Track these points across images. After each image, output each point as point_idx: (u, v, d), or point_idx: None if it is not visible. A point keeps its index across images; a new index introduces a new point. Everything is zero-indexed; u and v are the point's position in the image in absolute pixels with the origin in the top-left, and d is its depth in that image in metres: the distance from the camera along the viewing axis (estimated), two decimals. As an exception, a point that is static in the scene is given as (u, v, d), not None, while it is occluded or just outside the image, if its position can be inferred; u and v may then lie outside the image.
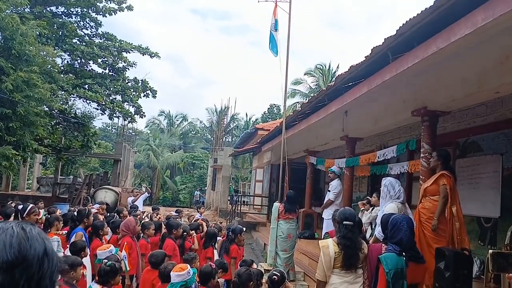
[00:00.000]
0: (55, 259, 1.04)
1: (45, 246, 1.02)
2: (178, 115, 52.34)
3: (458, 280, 5.09)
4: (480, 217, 7.60)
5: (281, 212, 8.49)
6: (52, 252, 1.04)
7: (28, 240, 1.00)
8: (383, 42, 5.75)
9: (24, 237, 1.00)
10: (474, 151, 7.87)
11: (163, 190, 43.48)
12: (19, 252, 0.96)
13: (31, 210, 7.06)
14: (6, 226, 1.01)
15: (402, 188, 6.01)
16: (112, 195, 19.35)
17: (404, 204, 5.99)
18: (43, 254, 1.00)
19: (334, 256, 4.22)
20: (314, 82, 35.27)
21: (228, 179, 27.21)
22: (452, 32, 4.31)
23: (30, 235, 1.01)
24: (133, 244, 6.34)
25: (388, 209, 5.56)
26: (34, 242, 1.00)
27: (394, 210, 5.46)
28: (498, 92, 5.43)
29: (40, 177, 28.27)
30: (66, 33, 18.19)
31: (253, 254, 12.67)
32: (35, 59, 13.31)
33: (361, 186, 12.72)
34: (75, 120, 18.37)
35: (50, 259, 1.02)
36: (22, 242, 0.98)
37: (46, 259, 1.01)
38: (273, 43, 9.82)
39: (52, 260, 1.02)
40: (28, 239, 1.00)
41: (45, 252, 1.01)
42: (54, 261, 1.03)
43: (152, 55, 20.48)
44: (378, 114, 8.03)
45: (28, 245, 0.99)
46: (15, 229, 1.01)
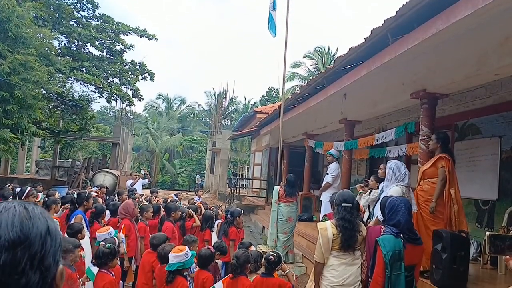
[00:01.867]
0: (58, 238, 1.04)
1: (47, 225, 1.02)
2: (176, 98, 52.23)
3: (455, 261, 5.13)
4: (478, 199, 7.63)
5: (281, 195, 8.51)
6: (55, 231, 1.03)
7: (30, 219, 0.99)
8: (383, 24, 5.69)
9: (26, 216, 0.99)
10: (473, 133, 7.86)
11: (162, 174, 43.54)
12: (21, 231, 0.96)
13: (29, 193, 7.07)
14: (9, 205, 1.01)
15: (407, 171, 5.97)
16: (111, 178, 19.39)
17: (408, 187, 5.98)
18: (45, 233, 1.00)
19: (332, 238, 4.24)
20: (313, 65, 35.13)
21: (226, 163, 27.24)
22: (452, 13, 4.27)
23: (32, 214, 1.01)
24: (132, 227, 6.37)
25: (393, 192, 5.55)
26: (37, 221, 1.00)
27: (398, 193, 5.44)
28: (498, 74, 5.41)
29: (38, 160, 28.28)
30: (62, 15, 18.02)
31: (252, 236, 12.75)
32: (31, 42, 13.20)
33: (359, 169, 12.75)
34: (73, 103, 18.31)
35: (53, 238, 1.01)
36: (24, 221, 0.98)
37: (49, 237, 1.00)
38: (272, 23, 9.71)
39: (55, 239, 1.02)
40: (31, 218, 0.99)
41: (47, 231, 1.01)
42: (57, 240, 1.03)
43: (149, 38, 20.32)
44: (377, 96, 8.00)
45: (31, 224, 0.98)
46: (18, 208, 1.00)
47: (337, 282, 4.24)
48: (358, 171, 12.69)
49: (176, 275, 4.32)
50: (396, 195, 4.81)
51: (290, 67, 33.99)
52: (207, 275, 4.63)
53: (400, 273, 3.73)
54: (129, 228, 6.31)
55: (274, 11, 9.72)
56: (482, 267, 6.69)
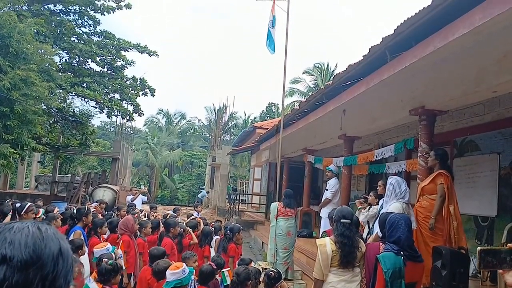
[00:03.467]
0: (70, 259, 1.05)
1: (60, 246, 1.03)
2: (176, 114, 52.30)
3: (455, 278, 5.10)
4: (477, 216, 7.62)
5: (280, 209, 8.51)
6: (67, 252, 1.04)
7: (43, 239, 1.00)
8: (381, 41, 5.75)
9: (39, 236, 1.00)
10: (472, 150, 7.88)
11: (161, 189, 43.43)
12: (34, 252, 0.97)
13: (29, 208, 7.04)
14: (22, 225, 1.02)
15: (408, 188, 5.98)
16: (110, 194, 19.35)
17: (408, 204, 5.98)
18: (57, 254, 1.01)
19: (332, 255, 4.23)
20: (313, 81, 35.28)
21: (226, 178, 27.21)
22: (450, 31, 4.32)
23: (45, 234, 1.02)
24: (131, 243, 6.35)
25: (393, 208, 5.55)
26: (49, 241, 1.01)
27: (398, 209, 5.45)
28: (496, 91, 5.44)
29: (38, 176, 28.24)
30: (64, 31, 18.14)
31: (251, 252, 12.69)
32: (33, 57, 13.27)
33: (359, 185, 12.74)
34: (73, 119, 18.33)
35: (65, 259, 1.02)
36: (37, 241, 0.99)
37: (61, 259, 1.01)
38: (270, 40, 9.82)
39: (67, 260, 1.03)
40: (44, 239, 1.00)
41: (60, 252, 1.02)
42: (69, 261, 1.04)
43: (150, 54, 20.43)
44: (376, 113, 8.04)
45: (43, 244, 0.99)
46: (31, 228, 1.01)
47: (336, 299, 4.22)
48: (357, 187, 12.68)
49: (173, 293, 4.29)
50: (396, 212, 4.81)
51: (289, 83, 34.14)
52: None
53: (400, 291, 3.71)
54: (128, 244, 6.29)
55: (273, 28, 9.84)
56: (482, 283, 6.66)
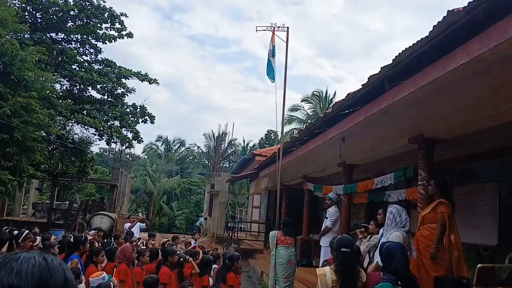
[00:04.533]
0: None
1: (65, 276, 1.05)
2: (175, 141, 52.49)
3: (457, 309, 5.04)
4: (478, 245, 7.56)
5: (279, 237, 8.44)
6: (72, 282, 1.06)
7: (49, 270, 1.02)
8: (380, 71, 5.81)
9: (45, 267, 1.02)
10: (471, 178, 7.87)
11: (160, 216, 43.19)
12: (40, 282, 0.99)
13: (26, 236, 6.99)
14: (29, 255, 1.04)
15: (408, 217, 5.96)
16: (108, 221, 19.22)
17: (409, 233, 5.95)
18: (63, 285, 1.03)
19: (332, 285, 4.17)
20: (311, 109, 35.51)
21: (225, 205, 27.06)
22: (448, 61, 4.38)
23: (51, 265, 1.03)
24: (129, 272, 6.26)
25: (393, 237, 5.52)
26: (55, 272, 1.03)
27: (399, 238, 5.42)
28: (495, 121, 5.48)
29: (35, 203, 28.06)
30: (65, 59, 18.34)
31: (250, 282, 12.52)
32: (34, 85, 13.38)
33: (358, 213, 12.66)
34: (72, 146, 18.37)
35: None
36: (43, 272, 1.00)
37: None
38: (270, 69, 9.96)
39: None
40: (50, 269, 1.02)
41: (65, 283, 1.03)
42: None
43: (150, 82, 20.61)
44: (375, 141, 8.07)
45: (49, 275, 1.01)
46: (37, 259, 1.03)
47: (337, 331, 4.14)
48: (357, 215, 12.60)
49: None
50: (397, 241, 4.78)
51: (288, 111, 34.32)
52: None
53: (400, 322, 3.65)
54: (125, 273, 6.20)
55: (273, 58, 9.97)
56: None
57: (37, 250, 1.11)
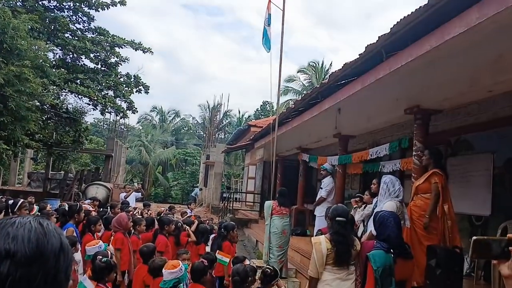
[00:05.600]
0: (70, 254, 1.06)
1: (61, 241, 1.04)
2: (170, 111, 52.26)
3: (449, 277, 5.13)
4: (471, 215, 7.65)
5: (274, 207, 8.49)
6: (67, 247, 1.05)
7: (45, 235, 1.01)
8: (377, 40, 5.74)
9: (42, 232, 1.01)
10: (466, 149, 7.91)
11: (155, 186, 43.34)
12: (37, 247, 0.97)
13: (21, 205, 7.01)
14: (24, 220, 1.02)
15: (401, 187, 6.00)
16: (104, 191, 19.28)
17: (402, 203, 6.00)
18: (59, 250, 1.02)
19: (327, 253, 4.23)
20: (307, 80, 35.33)
21: (220, 176, 27.17)
22: (446, 30, 4.32)
23: (47, 230, 1.02)
24: (125, 240, 6.31)
25: (387, 206, 5.56)
26: (51, 237, 1.02)
27: (392, 208, 5.46)
28: (491, 91, 5.46)
29: (31, 172, 28.07)
30: (58, 27, 18.04)
31: (245, 250, 12.68)
32: (26, 54, 13.20)
33: (353, 184, 12.76)
34: (66, 115, 18.26)
35: (65, 254, 1.03)
36: (40, 237, 0.99)
37: (62, 254, 1.02)
38: (266, 38, 9.78)
39: (67, 256, 1.04)
40: (46, 234, 1.01)
41: (61, 247, 1.03)
42: (69, 256, 1.05)
43: (144, 51, 20.36)
44: (371, 112, 8.05)
45: (46, 240, 1.00)
46: (33, 224, 1.02)
47: (331, 297, 4.22)
48: (352, 186, 12.70)
49: (171, 291, 4.28)
50: (391, 210, 4.82)
51: (284, 81, 34.16)
52: (201, 289, 4.59)
53: (392, 289, 3.72)
54: (122, 241, 6.25)
55: (269, 26, 9.80)
56: (476, 282, 6.70)
57: (32, 215, 1.09)
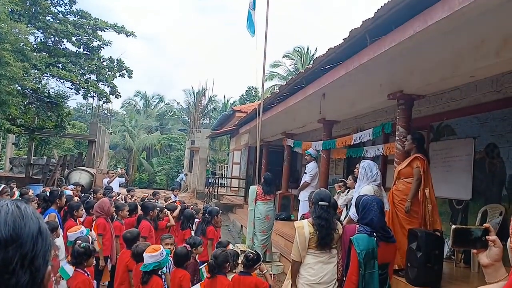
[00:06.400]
0: (49, 239, 1.04)
1: (39, 225, 1.02)
2: (154, 96, 51.71)
3: (430, 260, 5.21)
4: (452, 199, 7.77)
5: (259, 194, 8.51)
6: (46, 231, 1.03)
7: (23, 218, 0.99)
8: (361, 25, 5.74)
9: (19, 215, 0.99)
10: (448, 134, 8.00)
11: (139, 172, 43.13)
12: (13, 230, 0.95)
13: (3, 190, 6.91)
14: (1, 203, 1.00)
15: (379, 172, 6.10)
16: (87, 176, 19.13)
17: (380, 187, 6.09)
18: (37, 233, 1.00)
19: (309, 237, 4.27)
20: (293, 65, 35.24)
21: (205, 161, 27.13)
22: (429, 15, 4.33)
23: (25, 213, 1.00)
24: (107, 226, 6.29)
25: (364, 191, 5.65)
26: (29, 220, 0.99)
27: (370, 192, 5.55)
28: (473, 77, 5.50)
29: (12, 158, 27.70)
30: (39, 10, 17.66)
31: (230, 235, 12.73)
32: (7, 37, 12.90)
33: (337, 169, 12.85)
34: (48, 100, 17.95)
35: (44, 238, 1.01)
36: (17, 220, 0.97)
37: (40, 238, 1.00)
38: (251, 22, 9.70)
39: (46, 240, 1.02)
40: (23, 218, 0.99)
41: (39, 231, 1.00)
42: (47, 241, 1.03)
43: (127, 34, 20.03)
44: (355, 97, 8.07)
45: (23, 223, 0.98)
46: (10, 206, 1.00)
47: (313, 280, 4.27)
48: (335, 171, 12.79)
49: (151, 275, 4.29)
50: (368, 194, 4.88)
51: (269, 67, 34.03)
52: (184, 273, 4.60)
53: (373, 271, 3.77)
54: (104, 227, 6.23)
55: (254, 10, 9.72)
56: (456, 265, 6.82)
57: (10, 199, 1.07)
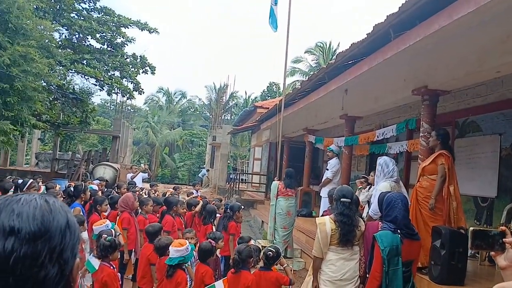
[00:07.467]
0: (77, 232, 1.05)
1: (67, 218, 1.03)
2: (177, 92, 52.09)
3: (454, 258, 5.15)
4: (477, 196, 7.64)
5: (280, 189, 8.51)
6: (74, 225, 1.05)
7: (51, 212, 1.00)
8: (385, 20, 5.68)
9: (47, 209, 1.00)
10: (473, 131, 7.86)
11: (162, 167, 43.56)
12: (42, 224, 0.97)
13: (31, 185, 7.08)
14: (30, 197, 1.02)
15: (396, 167, 6.04)
16: (111, 171, 19.41)
17: (398, 182, 6.03)
18: (65, 227, 1.01)
19: (331, 233, 4.26)
20: (315, 60, 35.07)
21: (226, 157, 27.21)
22: (455, 10, 4.26)
23: (53, 207, 1.02)
24: (131, 220, 6.37)
25: (381, 187, 5.61)
26: (57, 214, 1.01)
27: (386, 188, 5.50)
28: (499, 72, 5.40)
29: (38, 153, 28.27)
30: (63, 7, 17.97)
31: (251, 231, 12.77)
32: (32, 33, 13.17)
33: (359, 165, 12.75)
34: (73, 96, 18.28)
35: (72, 232, 1.03)
36: (45, 214, 0.99)
37: (68, 231, 1.01)
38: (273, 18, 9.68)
39: (74, 233, 1.03)
40: (51, 211, 1.00)
41: (67, 225, 1.02)
42: (75, 234, 1.04)
43: (151, 31, 20.25)
44: (378, 92, 7.99)
45: (51, 217, 0.99)
46: (39, 201, 1.01)
47: (335, 277, 4.26)
48: (358, 167, 12.70)
49: (176, 269, 4.34)
50: (385, 191, 4.84)
51: (291, 62, 33.96)
52: (206, 269, 4.64)
53: (397, 269, 3.74)
54: (128, 221, 6.32)
55: (276, 5, 9.70)
56: (480, 263, 6.72)
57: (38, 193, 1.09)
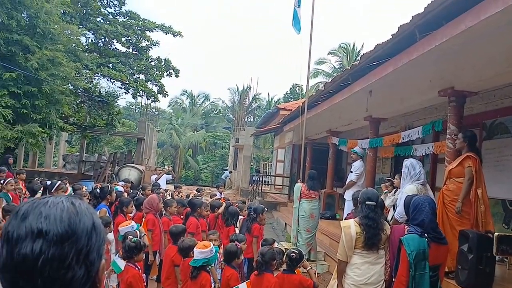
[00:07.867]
0: (102, 234, 1.08)
1: (93, 220, 1.06)
2: (200, 95, 52.40)
3: (481, 262, 5.04)
4: (505, 199, 7.48)
5: (303, 191, 8.48)
6: (100, 226, 1.07)
7: (77, 214, 1.03)
8: (410, 20, 5.61)
9: (73, 211, 1.03)
10: (501, 132, 7.70)
11: (185, 169, 43.86)
12: (69, 226, 1.00)
13: (59, 187, 7.22)
14: (57, 200, 1.05)
15: (422, 170, 5.93)
16: (136, 173, 19.64)
17: (425, 185, 5.92)
18: (91, 229, 1.04)
19: (356, 237, 4.22)
20: (338, 62, 34.87)
21: (249, 159, 27.24)
22: (482, 9, 4.18)
23: (79, 209, 1.04)
24: (156, 221, 6.44)
25: (407, 190, 5.52)
26: (83, 216, 1.04)
27: (412, 191, 5.41)
28: (528, 72, 5.28)
29: (65, 155, 28.78)
30: (90, 11, 18.30)
31: (274, 233, 12.75)
32: (59, 38, 13.44)
33: (384, 168, 12.61)
34: (99, 99, 18.57)
35: (98, 233, 1.05)
36: (72, 216, 1.01)
37: (94, 233, 1.04)
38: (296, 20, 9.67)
39: (99, 235, 1.06)
40: (78, 214, 1.03)
41: (93, 227, 1.05)
42: (101, 236, 1.07)
43: (175, 34, 20.45)
44: (404, 94, 7.90)
45: (78, 219, 1.02)
46: (65, 203, 1.04)
47: (360, 281, 4.22)
48: (382, 170, 12.56)
49: (200, 271, 4.36)
50: (411, 194, 4.76)
51: (314, 64, 33.82)
52: (232, 272, 4.64)
53: (424, 273, 3.68)
54: (153, 222, 6.39)
55: (299, 7, 9.69)
56: (509, 268, 6.56)
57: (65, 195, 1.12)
